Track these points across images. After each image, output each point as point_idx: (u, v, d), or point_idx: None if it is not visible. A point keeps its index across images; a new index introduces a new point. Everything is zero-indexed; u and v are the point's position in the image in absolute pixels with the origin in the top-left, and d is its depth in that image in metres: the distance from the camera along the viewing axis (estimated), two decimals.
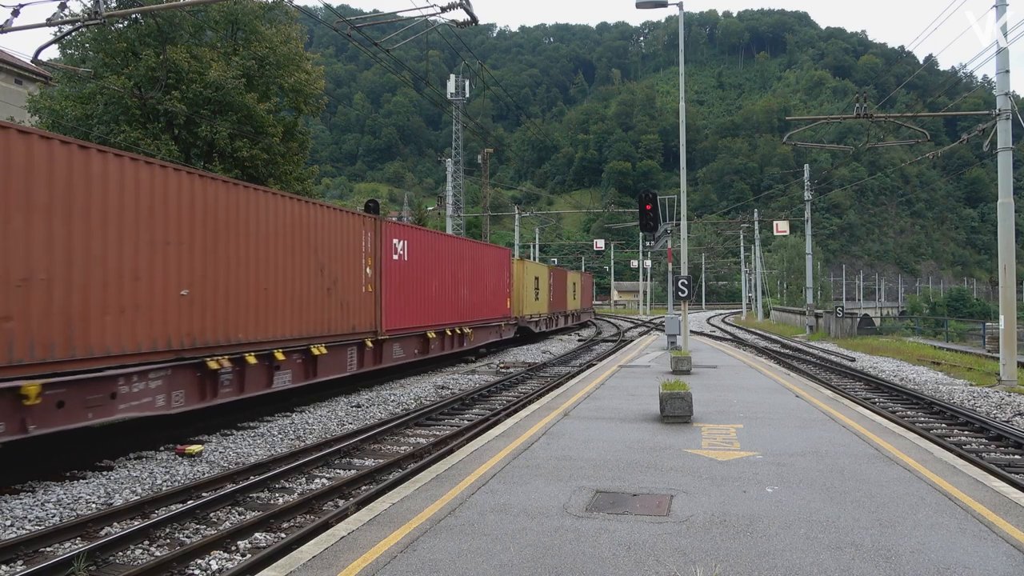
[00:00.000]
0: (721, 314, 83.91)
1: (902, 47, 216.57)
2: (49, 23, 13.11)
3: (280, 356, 12.75)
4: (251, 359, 12.00)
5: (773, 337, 39.54)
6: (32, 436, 8.38)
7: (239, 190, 12.05)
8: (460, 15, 13.36)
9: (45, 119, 20.67)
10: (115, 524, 7.36)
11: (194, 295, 10.88)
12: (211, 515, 7.70)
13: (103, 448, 10.39)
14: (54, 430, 8.66)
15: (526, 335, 32.59)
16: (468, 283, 22.81)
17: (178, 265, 10.60)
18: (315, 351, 13.86)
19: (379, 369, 17.18)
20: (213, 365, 11.11)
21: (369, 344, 16.08)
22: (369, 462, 10.16)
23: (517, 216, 56.47)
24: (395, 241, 17.47)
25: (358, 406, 14.71)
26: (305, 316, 13.61)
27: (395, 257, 17.40)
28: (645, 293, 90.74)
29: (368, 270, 16.02)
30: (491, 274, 25.54)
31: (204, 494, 8.41)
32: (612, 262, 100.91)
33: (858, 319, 41.32)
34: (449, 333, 21.13)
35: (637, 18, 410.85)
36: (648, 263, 76.65)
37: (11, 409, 8.12)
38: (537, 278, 33.78)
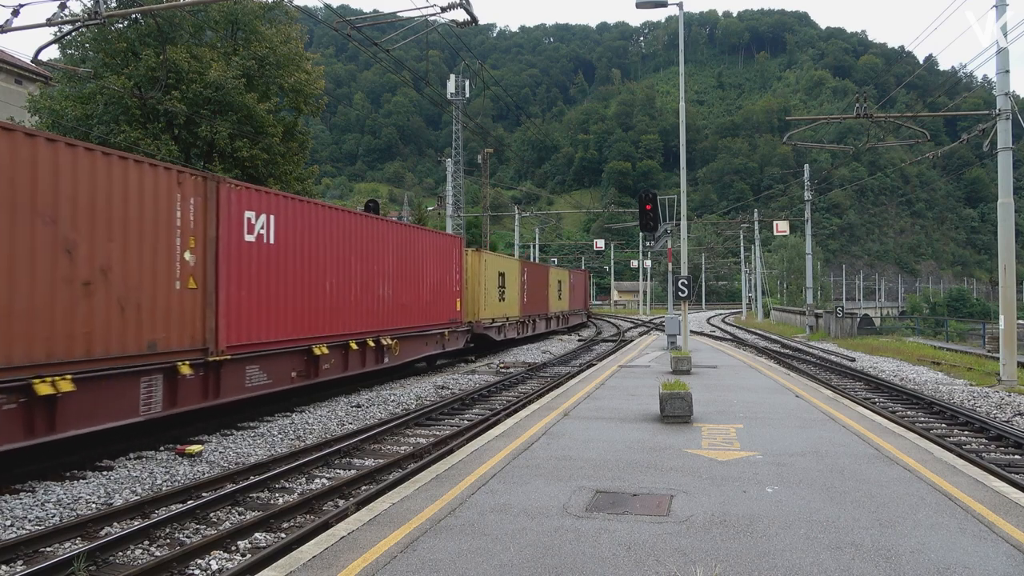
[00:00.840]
0: (721, 314, 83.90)
1: (902, 47, 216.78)
2: (49, 23, 13.11)
3: None
4: None
5: (773, 337, 39.54)
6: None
7: None
8: (460, 15, 13.36)
9: (45, 119, 20.69)
10: (115, 524, 7.36)
11: None
12: (211, 515, 7.70)
13: (103, 448, 10.38)
14: None
15: (484, 344, 26.96)
16: (392, 278, 17.77)
17: None
18: (44, 388, 8.36)
19: (216, 406, 11.81)
20: None
21: (186, 370, 10.62)
22: (369, 462, 10.16)
23: (517, 216, 56.49)
24: (250, 215, 12.29)
25: (358, 406, 14.71)
26: (23, 328, 8.30)
27: (251, 238, 12.32)
28: (645, 293, 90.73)
29: (188, 256, 10.89)
30: (432, 267, 20.46)
31: (204, 494, 8.41)
32: (612, 262, 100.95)
33: (858, 319, 41.32)
34: (356, 346, 15.70)
35: (637, 18, 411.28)
36: (648, 263, 76.68)
37: None
38: (503, 274, 28.43)
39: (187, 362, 10.74)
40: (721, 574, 4.72)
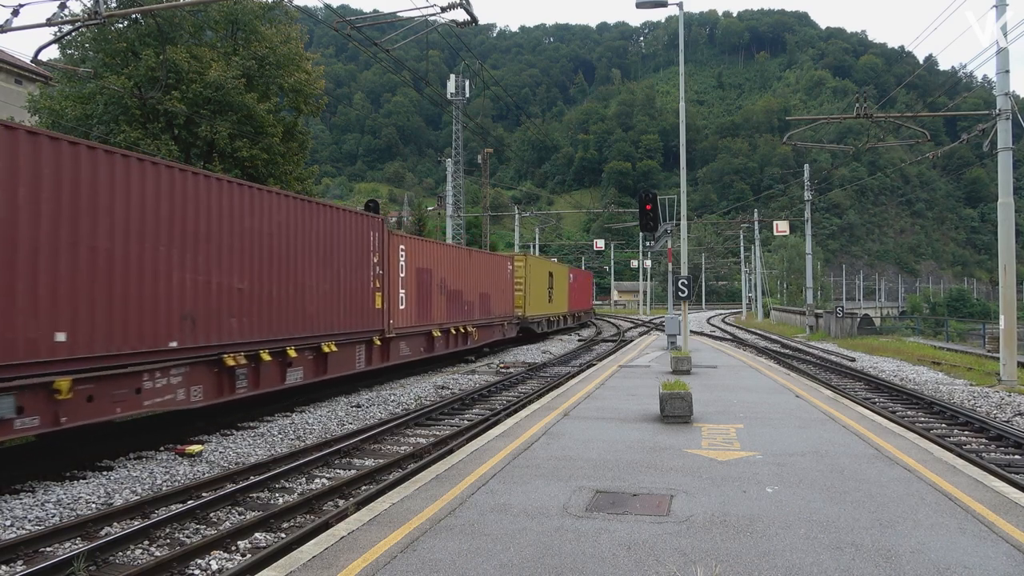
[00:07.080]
0: (721, 314, 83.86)
1: (902, 47, 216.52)
2: (49, 23, 13.11)
3: None
4: None
5: (773, 337, 39.53)
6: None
7: None
8: (460, 15, 13.34)
9: (45, 119, 20.67)
10: (115, 524, 7.36)
11: None
12: (211, 515, 7.70)
13: (103, 448, 10.38)
14: None
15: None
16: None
17: None
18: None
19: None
20: None
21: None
22: (369, 462, 10.16)
23: (517, 216, 56.45)
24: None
25: (358, 406, 14.71)
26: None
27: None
28: (645, 293, 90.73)
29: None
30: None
31: (204, 494, 8.41)
32: (612, 262, 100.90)
33: (858, 319, 41.30)
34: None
35: (637, 18, 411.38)
36: (648, 263, 76.62)
37: None
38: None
39: None
40: (721, 574, 4.72)
